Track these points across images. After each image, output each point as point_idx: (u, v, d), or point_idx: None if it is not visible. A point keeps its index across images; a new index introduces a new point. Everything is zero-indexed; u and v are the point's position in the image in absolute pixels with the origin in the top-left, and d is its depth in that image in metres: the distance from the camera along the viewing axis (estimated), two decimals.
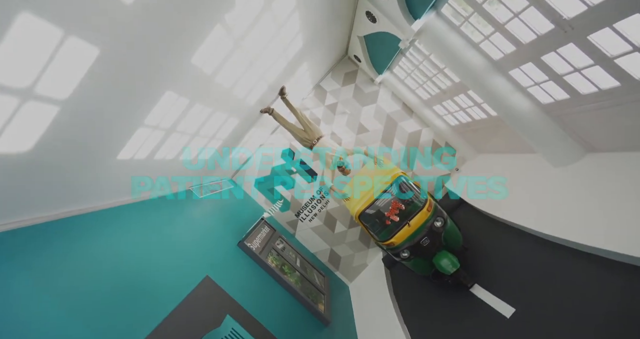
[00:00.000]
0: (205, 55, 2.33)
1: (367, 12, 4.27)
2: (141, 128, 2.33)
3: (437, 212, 4.20)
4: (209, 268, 3.15)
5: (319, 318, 4.06)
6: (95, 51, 1.55)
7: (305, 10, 3.16)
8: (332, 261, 6.50)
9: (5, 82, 1.32)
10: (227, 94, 3.11)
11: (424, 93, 5.81)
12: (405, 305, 4.57)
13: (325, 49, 4.92)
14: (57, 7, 1.27)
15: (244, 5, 2.27)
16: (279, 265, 4.45)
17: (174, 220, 3.47)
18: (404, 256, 4.16)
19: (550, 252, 3.18)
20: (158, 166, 3.06)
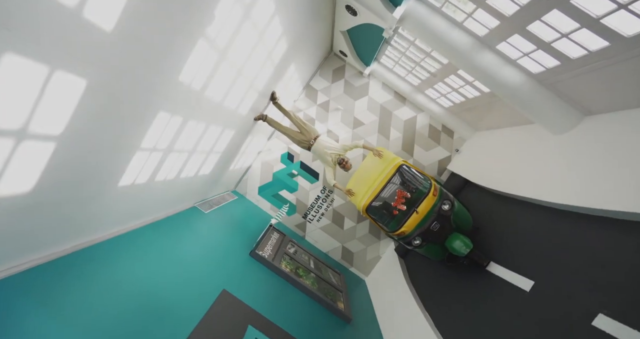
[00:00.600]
0: (192, 72, 2.32)
1: (347, 6, 4.25)
2: (139, 152, 2.33)
3: (444, 196, 4.20)
4: (225, 281, 3.16)
5: (340, 316, 4.08)
6: (82, 83, 1.54)
7: (285, 13, 3.15)
8: (345, 258, 6.51)
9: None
10: (218, 106, 3.11)
11: (414, 79, 5.79)
12: (423, 292, 4.59)
13: (310, 49, 4.90)
14: (39, 45, 1.26)
15: (224, 17, 2.26)
16: (293, 269, 4.46)
17: (183, 239, 3.49)
18: (416, 243, 4.16)
19: (560, 220, 3.20)
20: (161, 187, 3.06)
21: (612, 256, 2.53)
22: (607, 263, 2.53)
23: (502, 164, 4.57)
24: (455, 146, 6.27)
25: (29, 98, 1.37)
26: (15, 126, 1.39)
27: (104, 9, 1.41)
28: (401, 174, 4.53)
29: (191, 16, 1.95)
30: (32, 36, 1.22)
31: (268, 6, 2.76)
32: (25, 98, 1.36)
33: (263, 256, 4.13)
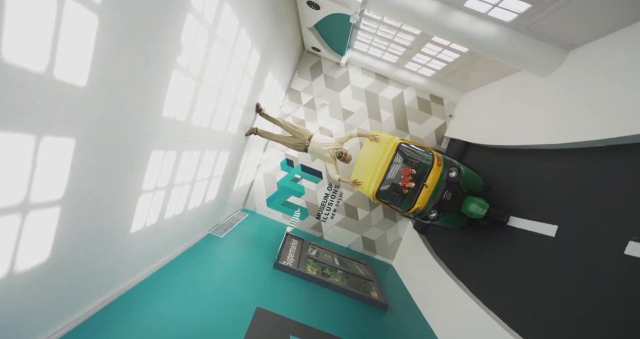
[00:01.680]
0: (174, 104, 2.31)
1: (309, 1, 4.21)
2: (142, 195, 2.33)
3: (448, 164, 4.18)
4: (257, 298, 3.19)
5: (376, 305, 4.12)
6: (70, 143, 1.54)
7: (249, 24, 3.12)
8: (367, 247, 6.53)
9: None
10: (208, 131, 3.09)
11: (391, 57, 5.77)
12: (451, 262, 4.61)
13: (282, 53, 4.86)
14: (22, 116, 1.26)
15: (192, 43, 2.24)
16: (319, 271, 4.48)
17: (206, 268, 3.49)
18: (433, 216, 4.15)
19: (568, 160, 3.22)
20: (172, 223, 3.07)
21: (628, 183, 2.53)
22: (624, 190, 2.54)
23: (497, 118, 4.58)
24: (448, 112, 6.24)
25: (23, 171, 1.37)
26: (17, 200, 1.38)
27: (73, 66, 1.40)
28: (402, 153, 4.50)
29: (160, 50, 1.93)
30: (10, 110, 1.22)
31: (231, 21, 2.73)
32: (19, 171, 1.35)
33: (287, 265, 4.16)
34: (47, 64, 1.28)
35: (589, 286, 2.52)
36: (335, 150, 4.56)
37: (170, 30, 1.97)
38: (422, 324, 4.15)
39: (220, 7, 2.46)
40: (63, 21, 1.28)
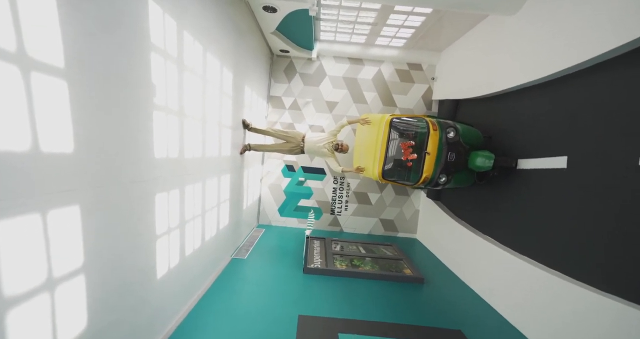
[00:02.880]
0: (163, 144, 2.31)
1: (264, 7, 4.18)
2: (158, 240, 2.34)
3: (444, 126, 4.18)
4: (296, 307, 3.22)
5: (412, 282, 4.15)
6: (76, 210, 1.55)
7: (213, 45, 3.10)
8: (388, 228, 6.56)
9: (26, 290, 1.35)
10: (203, 161, 3.09)
11: (359, 38, 5.75)
12: (473, 220, 4.63)
13: (253, 64, 4.84)
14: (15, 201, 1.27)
15: (163, 81, 2.23)
16: (348, 263, 4.51)
17: (239, 292, 3.51)
18: (443, 181, 4.16)
19: (558, 89, 3.22)
20: (194, 258, 3.09)
21: (624, 98, 2.53)
22: (622, 106, 2.54)
23: (478, 68, 4.58)
24: (429, 76, 6.21)
25: (38, 250, 1.38)
26: (41, 279, 1.40)
27: (56, 136, 1.41)
28: (396, 128, 4.48)
29: (134, 96, 1.93)
30: (7, 196, 1.23)
31: (195, 48, 2.72)
32: (35, 251, 1.37)
33: (316, 267, 4.20)
34: (31, 141, 1.28)
35: (612, 205, 2.55)
36: (331, 143, 4.56)
37: (139, 75, 1.97)
38: (461, 287, 4.20)
39: (180, 38, 2.45)
40: (34, 94, 1.28)
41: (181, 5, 2.44)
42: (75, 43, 1.46)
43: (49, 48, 1.33)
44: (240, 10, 3.95)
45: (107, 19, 1.65)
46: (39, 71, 1.29)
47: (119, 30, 1.75)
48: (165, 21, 2.22)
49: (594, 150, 2.76)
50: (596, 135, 2.75)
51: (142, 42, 1.98)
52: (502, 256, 3.66)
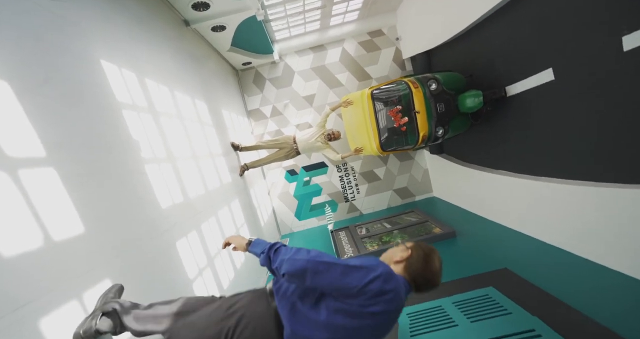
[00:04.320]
0: (165, 193, 2.36)
1: (212, 28, 4.17)
2: (193, 283, 2.40)
3: (423, 80, 4.19)
4: None
5: (445, 238, 4.19)
6: (107, 283, 1.61)
7: (177, 82, 3.11)
8: (404, 196, 6.60)
9: None
10: (208, 194, 3.14)
11: (313, 25, 5.73)
12: (482, 160, 4.66)
13: (222, 86, 4.84)
14: (45, 296, 1.32)
15: (143, 134, 2.27)
16: (378, 242, 4.57)
17: None
18: (441, 133, 4.21)
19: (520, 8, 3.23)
20: (233, 289, 3.15)
21: None
22: None
23: (437, 13, 4.60)
24: (393, 38, 6.17)
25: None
26: None
27: (63, 223, 1.44)
28: (378, 99, 4.48)
29: (121, 157, 1.96)
30: (36, 294, 1.28)
31: (162, 91, 2.74)
32: None
33: (349, 256, 4.27)
34: (42, 236, 1.32)
35: (609, 98, 2.59)
36: (322, 135, 4.57)
37: (119, 136, 2.00)
38: (492, 227, 4.24)
39: (144, 86, 2.46)
40: (28, 190, 1.31)
41: (133, 55, 2.45)
42: (47, 128, 1.48)
43: (24, 141, 1.35)
44: (191, 39, 3.94)
45: (69, 95, 1.67)
46: (24, 167, 1.32)
47: (84, 101, 1.77)
48: (124, 76, 2.24)
49: (576, 49, 2.76)
50: (573, 36, 2.75)
51: (110, 104, 2.00)
52: (520, 184, 3.71)
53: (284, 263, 1.21)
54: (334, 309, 1.15)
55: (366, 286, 1.09)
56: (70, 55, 1.76)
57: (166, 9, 3.39)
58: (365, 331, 1.14)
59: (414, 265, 1.28)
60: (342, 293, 1.13)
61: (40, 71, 1.52)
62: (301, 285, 1.23)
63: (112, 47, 2.19)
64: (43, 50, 1.58)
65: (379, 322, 1.13)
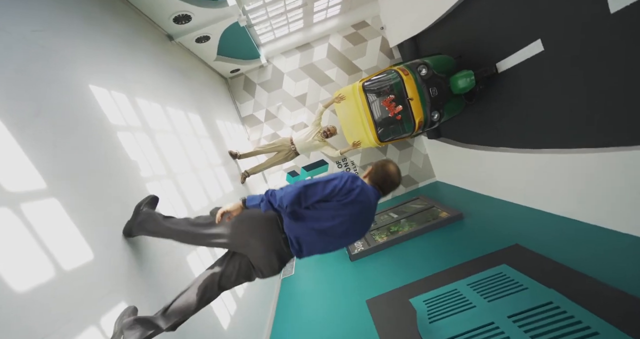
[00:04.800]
0: (169, 208, 2.38)
1: (196, 39, 4.18)
2: None
3: (413, 67, 4.18)
4: (360, 295, 3.28)
5: (453, 221, 4.19)
6: (122, 305, 1.63)
7: (168, 97, 3.13)
8: (407, 184, 6.61)
9: None
10: (211, 207, 3.15)
11: (296, 24, 5.75)
12: (481, 139, 4.64)
13: (213, 96, 4.85)
14: (66, 326, 1.34)
15: (141, 153, 2.28)
16: (387, 233, 4.57)
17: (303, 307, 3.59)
18: (436, 117, 4.21)
19: None
20: (249, 296, 3.18)
21: None
22: None
23: None
24: (378, 27, 6.15)
25: None
26: None
27: (72, 249, 1.46)
28: (369, 91, 4.48)
29: (121, 179, 1.98)
30: (55, 325, 1.30)
31: (154, 108, 2.76)
32: None
33: (359, 251, 4.26)
34: (52, 267, 1.33)
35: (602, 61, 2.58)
36: (318, 133, 4.58)
37: (117, 158, 2.02)
38: (499, 205, 4.25)
39: (136, 106, 2.48)
40: (32, 223, 1.32)
41: (121, 76, 2.47)
42: (45, 159, 1.49)
43: (23, 175, 1.37)
44: (177, 53, 3.96)
45: (62, 124, 1.68)
46: (26, 201, 1.33)
47: (78, 128, 1.79)
48: (114, 98, 2.26)
49: (562, 18, 2.75)
50: (557, 3, 2.74)
51: (104, 127, 2.02)
52: (521, 159, 3.72)
53: (283, 199, 1.57)
54: (325, 208, 1.65)
55: (342, 186, 1.62)
56: (58, 84, 1.78)
57: (149, 26, 3.40)
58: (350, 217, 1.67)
59: (374, 175, 1.84)
60: (327, 198, 1.63)
61: (30, 104, 1.54)
62: (300, 208, 1.65)
63: (99, 70, 2.21)
64: (31, 82, 1.59)
65: (356, 209, 1.67)
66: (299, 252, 1.73)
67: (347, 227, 1.68)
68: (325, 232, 1.68)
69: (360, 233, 1.77)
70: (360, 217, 1.72)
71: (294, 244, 1.70)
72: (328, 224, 1.66)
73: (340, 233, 1.69)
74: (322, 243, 1.72)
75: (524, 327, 2.09)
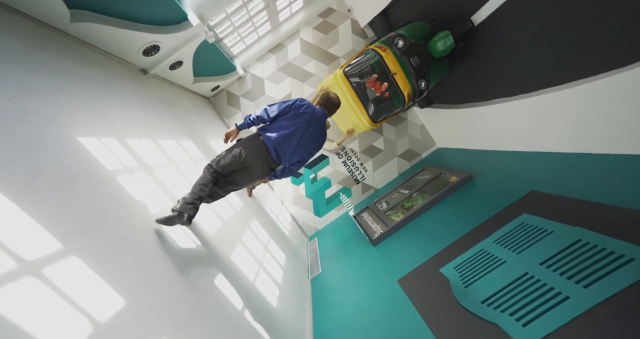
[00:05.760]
0: (185, 240, 2.42)
1: (170, 66, 4.20)
2: (245, 312, 2.49)
3: (389, 41, 4.15)
4: (390, 277, 3.27)
5: (464, 184, 4.14)
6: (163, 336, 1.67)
7: (156, 131, 3.16)
8: (410, 158, 6.59)
9: None
10: (225, 227, 3.20)
11: (264, 28, 5.75)
12: (473, 96, 4.57)
13: (199, 118, 4.89)
14: None
15: (143, 192, 2.32)
16: (402, 211, 4.55)
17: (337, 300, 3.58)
18: (424, 86, 4.22)
19: None
20: (281, 303, 3.22)
21: None
22: None
23: None
24: (345, 11, 6.10)
25: None
26: None
27: (102, 302, 1.49)
28: (352, 76, 4.46)
29: (132, 224, 2.03)
30: None
31: (146, 144, 2.79)
32: None
33: (379, 234, 4.24)
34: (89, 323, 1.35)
35: None
36: None
37: (122, 203, 2.06)
38: (507, 156, 4.17)
39: (127, 147, 2.51)
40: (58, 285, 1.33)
41: (107, 121, 2.50)
42: (53, 221, 1.52)
43: (37, 241, 1.39)
44: (155, 85, 3.98)
45: (61, 183, 1.71)
46: (46, 265, 1.35)
47: (77, 183, 1.82)
48: (105, 143, 2.29)
49: None
50: None
51: (103, 175, 2.05)
52: (518, 105, 3.66)
53: (257, 116, 2.62)
54: (285, 118, 2.60)
55: (293, 104, 2.64)
56: (47, 144, 1.81)
57: (120, 65, 3.43)
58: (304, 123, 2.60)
59: (320, 99, 2.88)
60: (284, 112, 2.60)
61: (25, 171, 1.57)
62: (267, 120, 2.63)
63: (83, 120, 2.24)
64: (20, 149, 1.63)
65: (307, 117, 2.61)
66: (277, 157, 2.64)
67: (303, 131, 2.59)
68: (291, 136, 2.58)
69: (315, 138, 2.72)
70: (311, 124, 2.64)
71: (272, 152, 2.59)
72: (290, 130, 2.56)
73: (300, 137, 2.60)
74: (291, 146, 2.60)
75: (559, 270, 2.08)
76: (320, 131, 2.72)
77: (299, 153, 2.64)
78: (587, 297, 1.82)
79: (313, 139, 2.66)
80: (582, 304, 1.80)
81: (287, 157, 2.62)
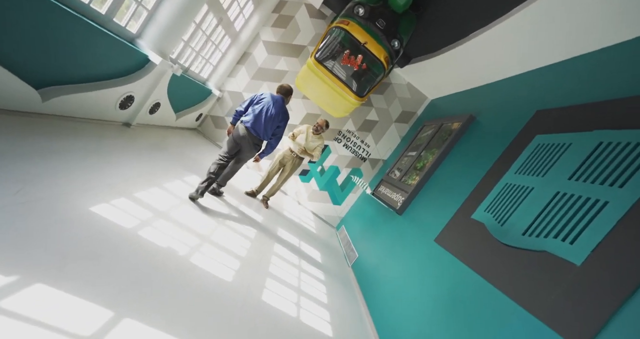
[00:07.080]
0: (220, 269, 2.47)
1: (149, 111, 4.24)
2: (301, 317, 2.52)
3: (349, 12, 4.06)
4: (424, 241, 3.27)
5: (468, 126, 4.09)
6: None
7: (159, 174, 3.20)
8: (407, 119, 6.55)
9: None
10: (253, 245, 3.23)
11: (224, 42, 5.78)
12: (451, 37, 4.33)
13: (192, 151, 4.93)
14: None
15: (165, 238, 2.37)
16: (417, 172, 4.47)
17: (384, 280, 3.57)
18: (397, 45, 4.11)
19: None
20: (333, 299, 3.23)
21: None
22: None
23: None
24: None
25: None
26: None
27: None
28: (324, 59, 4.37)
29: (168, 268, 2.07)
30: None
31: (153, 192, 2.83)
32: None
33: (401, 202, 4.22)
34: None
35: None
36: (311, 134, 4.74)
37: (151, 253, 2.10)
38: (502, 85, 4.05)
39: (137, 201, 2.55)
40: None
41: (109, 183, 2.52)
42: (94, 292, 1.58)
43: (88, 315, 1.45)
44: (141, 133, 4.05)
45: (89, 254, 1.76)
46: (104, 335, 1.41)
47: (103, 250, 1.87)
48: (115, 205, 2.32)
49: None
50: None
51: (124, 235, 2.10)
52: (498, 31, 3.48)
53: (237, 111, 3.62)
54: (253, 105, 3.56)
55: (255, 95, 3.60)
56: (63, 224, 1.86)
57: (103, 126, 3.49)
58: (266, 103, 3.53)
59: (277, 89, 3.76)
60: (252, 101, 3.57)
61: (53, 256, 1.62)
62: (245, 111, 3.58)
63: (85, 190, 2.28)
64: (41, 236, 1.68)
65: (268, 99, 3.56)
66: (257, 133, 3.50)
67: (267, 109, 3.48)
68: (260, 115, 3.47)
69: (277, 113, 3.54)
70: (271, 104, 3.52)
71: (252, 130, 3.46)
72: (257, 111, 3.46)
73: (265, 113, 3.48)
74: (261, 122, 3.47)
75: (589, 179, 2.01)
76: (280, 109, 3.57)
77: (270, 127, 3.52)
78: (626, 196, 1.75)
79: (276, 114, 3.52)
80: (624, 204, 1.73)
81: (262, 130, 3.49)
